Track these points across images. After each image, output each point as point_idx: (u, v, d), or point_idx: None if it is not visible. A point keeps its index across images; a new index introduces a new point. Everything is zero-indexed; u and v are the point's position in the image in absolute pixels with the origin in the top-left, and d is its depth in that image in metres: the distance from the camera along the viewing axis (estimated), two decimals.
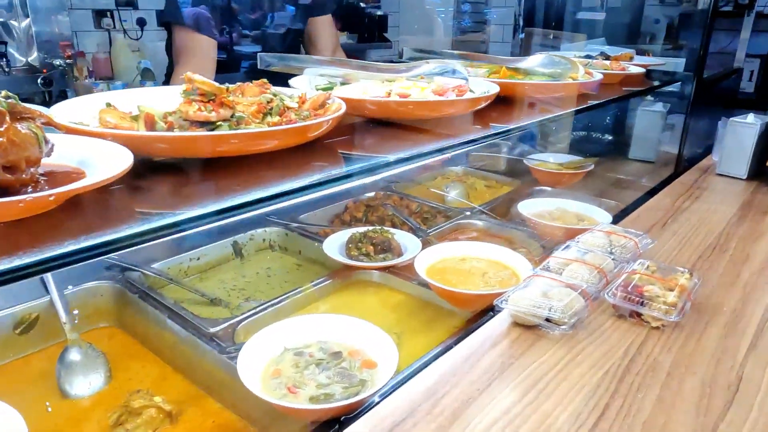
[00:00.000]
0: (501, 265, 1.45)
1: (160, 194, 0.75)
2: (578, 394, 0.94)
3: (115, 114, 0.74)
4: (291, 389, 0.99)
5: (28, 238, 0.59)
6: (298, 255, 1.81)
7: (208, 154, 0.75)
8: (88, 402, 1.21)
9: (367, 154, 0.97)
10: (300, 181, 0.79)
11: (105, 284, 1.46)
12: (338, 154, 0.98)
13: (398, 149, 1.01)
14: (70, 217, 0.66)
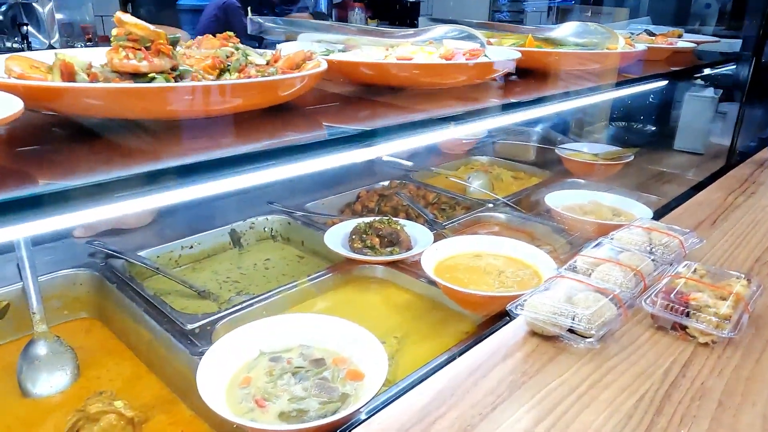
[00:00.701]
0: (521, 264, 1.27)
1: (69, 161, 0.60)
2: (605, 424, 0.76)
3: (24, 62, 0.60)
4: (259, 402, 0.84)
5: None
6: (300, 246, 1.66)
7: (135, 113, 0.60)
8: (50, 402, 1.09)
9: (354, 125, 0.81)
10: (245, 148, 0.63)
11: (83, 272, 1.34)
12: (319, 123, 0.82)
13: (393, 122, 0.85)
14: None
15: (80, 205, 0.55)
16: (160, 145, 0.65)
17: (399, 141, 0.86)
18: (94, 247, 1.42)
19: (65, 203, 0.53)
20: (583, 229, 1.44)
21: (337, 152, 0.79)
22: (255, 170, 0.67)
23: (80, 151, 0.61)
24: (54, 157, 0.59)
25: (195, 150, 0.65)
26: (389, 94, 0.96)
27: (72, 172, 0.55)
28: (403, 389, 0.85)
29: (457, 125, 0.91)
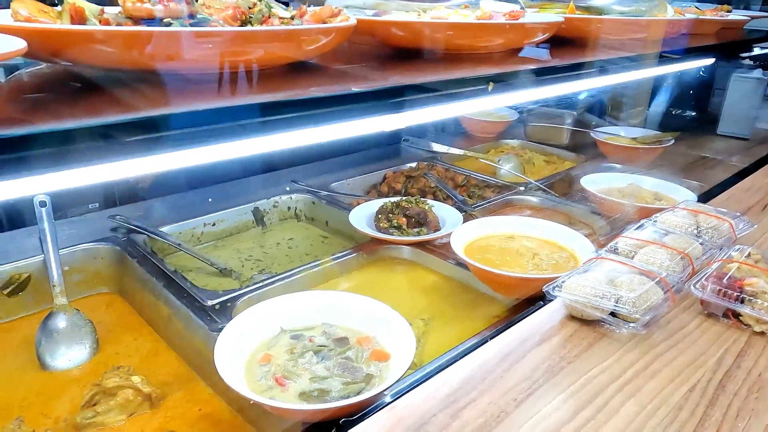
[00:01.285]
0: (556, 246, 1.20)
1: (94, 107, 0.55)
2: (651, 416, 0.69)
3: (32, 6, 0.56)
4: (279, 380, 0.80)
5: None
6: (324, 226, 1.61)
7: (148, 62, 0.55)
8: (67, 375, 1.06)
9: (381, 85, 0.75)
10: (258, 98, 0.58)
11: (105, 246, 1.32)
12: (347, 86, 0.77)
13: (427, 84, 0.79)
14: None
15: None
16: (174, 100, 0.60)
17: (432, 108, 0.80)
18: (116, 222, 1.39)
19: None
20: (622, 212, 1.36)
21: (367, 115, 0.74)
22: (277, 129, 0.62)
23: (88, 101, 0.57)
24: (57, 107, 0.55)
25: (209, 104, 0.61)
26: (422, 58, 0.90)
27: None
28: (432, 372, 0.79)
29: (494, 94, 0.85)
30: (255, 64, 0.65)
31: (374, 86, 0.75)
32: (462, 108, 0.89)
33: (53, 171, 0.52)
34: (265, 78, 0.70)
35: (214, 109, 0.60)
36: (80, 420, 0.92)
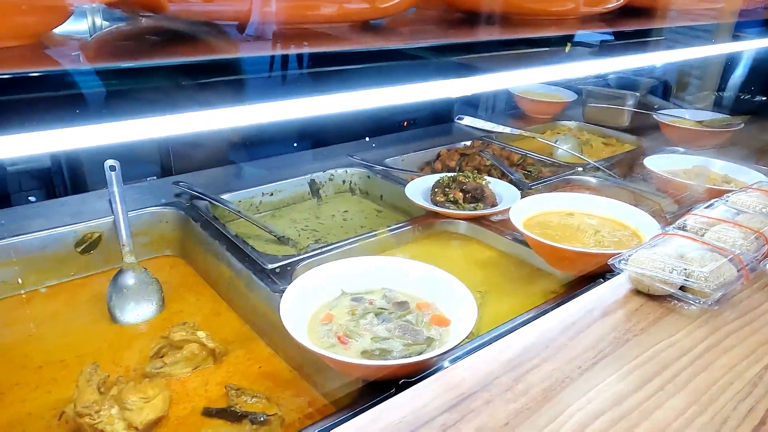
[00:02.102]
0: (618, 224, 1.17)
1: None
2: (723, 391, 0.67)
3: None
4: (342, 339, 0.82)
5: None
6: (379, 200, 1.62)
7: (239, 17, 0.57)
8: (135, 329, 1.11)
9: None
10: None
11: (170, 210, 1.37)
12: (423, 48, 0.76)
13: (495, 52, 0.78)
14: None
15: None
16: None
17: (504, 73, 0.79)
18: (180, 188, 1.44)
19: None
20: (689, 193, 1.32)
21: (437, 77, 0.73)
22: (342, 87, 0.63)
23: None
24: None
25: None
26: (491, 24, 0.89)
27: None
28: (493, 338, 0.79)
29: (568, 62, 0.83)
30: (326, 19, 0.66)
31: (437, 42, 0.75)
32: (530, 76, 0.88)
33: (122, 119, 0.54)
34: (332, 37, 0.70)
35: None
36: (150, 369, 0.96)
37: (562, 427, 0.61)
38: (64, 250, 1.25)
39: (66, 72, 0.49)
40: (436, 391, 0.67)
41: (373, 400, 0.71)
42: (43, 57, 0.52)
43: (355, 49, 0.62)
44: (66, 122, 0.51)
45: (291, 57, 0.66)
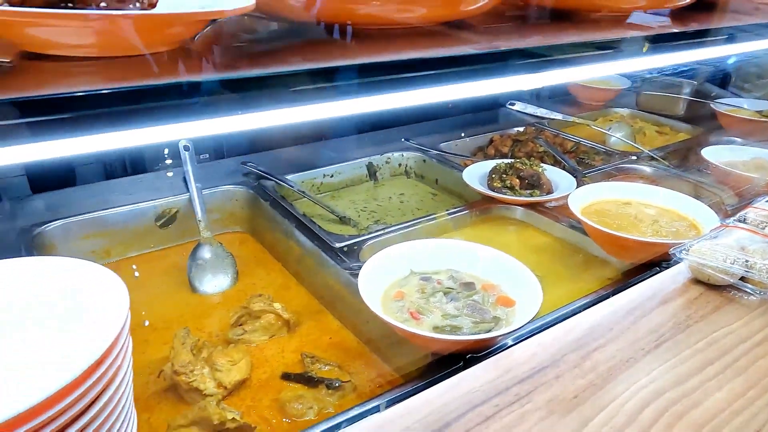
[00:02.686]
0: (676, 214, 1.19)
1: (281, 53, 0.64)
2: None
3: None
4: (414, 314, 0.88)
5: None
6: (434, 184, 1.68)
7: (345, 18, 0.63)
8: (213, 299, 1.21)
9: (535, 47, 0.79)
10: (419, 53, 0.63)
11: (240, 189, 1.45)
12: (497, 43, 0.81)
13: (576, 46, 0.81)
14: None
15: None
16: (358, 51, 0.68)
17: (575, 68, 0.83)
18: (248, 168, 1.52)
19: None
20: (748, 185, 1.33)
21: (513, 73, 0.78)
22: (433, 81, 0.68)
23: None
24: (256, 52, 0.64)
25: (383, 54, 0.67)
26: (563, 18, 0.93)
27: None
28: (557, 319, 0.85)
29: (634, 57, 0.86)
30: (418, 20, 0.71)
31: (514, 45, 0.79)
32: (598, 70, 0.92)
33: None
34: (422, 34, 0.75)
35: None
36: (231, 336, 1.05)
37: (627, 403, 0.66)
38: (145, 224, 1.35)
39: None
40: (509, 365, 0.73)
41: (439, 374, 0.78)
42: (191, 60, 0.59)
43: (439, 54, 0.67)
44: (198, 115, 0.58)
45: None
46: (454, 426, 0.62)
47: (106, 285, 0.59)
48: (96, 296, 0.59)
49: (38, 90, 0.48)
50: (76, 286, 0.60)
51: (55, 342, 0.56)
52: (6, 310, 0.59)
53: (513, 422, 0.63)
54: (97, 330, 0.55)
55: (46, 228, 1.22)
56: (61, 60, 0.52)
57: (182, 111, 0.58)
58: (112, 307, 0.57)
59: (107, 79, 0.52)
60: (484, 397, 0.67)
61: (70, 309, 0.58)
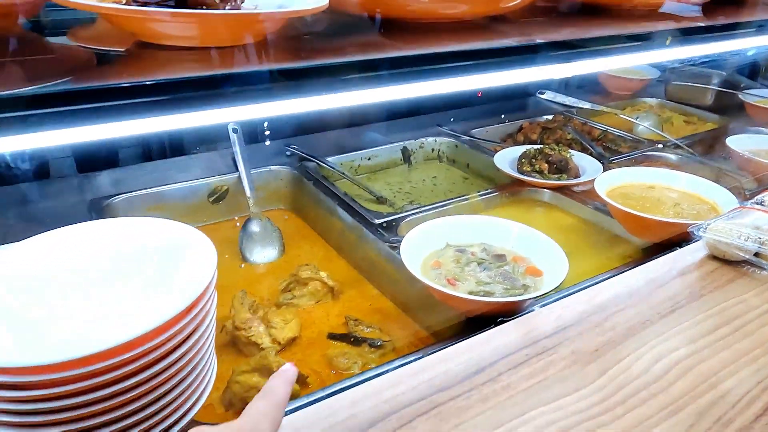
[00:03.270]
0: (698, 198, 1.26)
1: (345, 47, 0.74)
2: None
3: None
4: (450, 281, 0.98)
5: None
6: (465, 168, 1.76)
7: (397, 12, 0.72)
8: (263, 269, 1.32)
9: (558, 38, 0.87)
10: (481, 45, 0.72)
11: (285, 169, 1.56)
12: (535, 35, 0.89)
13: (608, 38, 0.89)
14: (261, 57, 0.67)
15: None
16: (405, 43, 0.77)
17: (610, 57, 0.91)
18: (291, 150, 1.63)
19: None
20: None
21: (546, 63, 0.86)
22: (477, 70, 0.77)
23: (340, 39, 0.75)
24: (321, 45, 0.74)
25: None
26: (595, 12, 1.00)
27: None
28: (581, 287, 0.93)
29: (672, 46, 0.94)
30: (463, 15, 0.80)
31: (548, 38, 0.87)
32: (625, 61, 0.99)
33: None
34: (456, 29, 0.84)
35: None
36: (282, 300, 1.16)
37: (642, 357, 0.75)
38: (198, 200, 1.46)
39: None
40: (537, 323, 0.82)
41: (474, 333, 0.87)
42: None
43: (478, 47, 0.76)
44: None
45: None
46: (488, 370, 0.72)
47: (198, 242, 0.70)
48: (189, 251, 0.70)
49: (152, 74, 0.59)
50: (172, 242, 0.71)
51: (158, 287, 0.68)
52: (114, 262, 0.70)
53: (540, 368, 0.72)
54: (191, 279, 0.66)
55: (113, 200, 1.35)
56: (167, 49, 0.62)
57: (245, 95, 0.68)
58: (203, 261, 0.68)
59: (204, 66, 0.62)
60: (515, 348, 0.76)
61: (167, 262, 0.69)
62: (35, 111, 0.52)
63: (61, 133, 0.56)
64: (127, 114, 0.58)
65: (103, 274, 0.69)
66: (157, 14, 0.56)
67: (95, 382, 0.57)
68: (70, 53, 0.66)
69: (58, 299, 0.65)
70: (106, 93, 0.53)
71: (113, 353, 0.57)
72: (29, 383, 0.56)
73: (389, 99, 0.79)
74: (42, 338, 0.62)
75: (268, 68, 0.67)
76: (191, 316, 0.64)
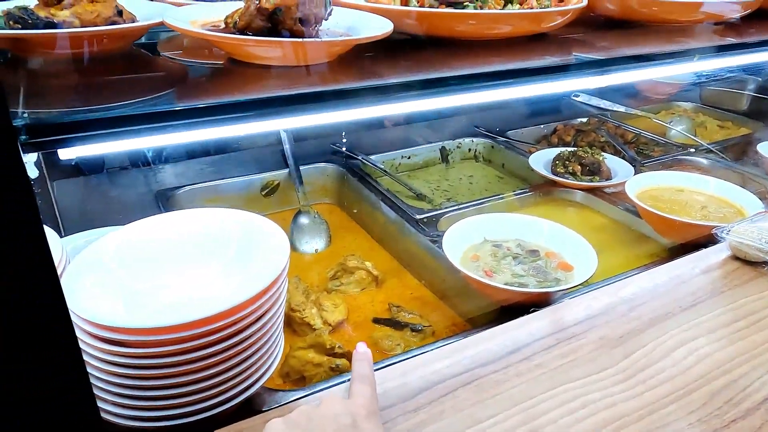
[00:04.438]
0: (725, 202, 1.32)
1: (402, 64, 0.83)
2: None
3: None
4: (488, 273, 1.07)
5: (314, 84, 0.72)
6: (501, 168, 1.84)
7: (448, 32, 0.81)
8: (311, 258, 1.43)
9: (595, 56, 0.95)
10: (524, 64, 0.81)
11: (331, 166, 1.67)
12: (571, 50, 0.98)
13: (630, 53, 0.97)
14: (335, 73, 0.78)
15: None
16: (452, 58, 0.86)
17: (638, 71, 0.98)
18: (335, 148, 1.74)
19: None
20: None
21: (582, 76, 0.94)
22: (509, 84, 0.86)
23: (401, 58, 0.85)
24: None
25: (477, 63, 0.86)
26: (630, 26, 1.08)
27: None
28: (609, 281, 1.02)
29: (700, 60, 1.01)
30: (512, 33, 0.89)
31: (597, 56, 0.95)
32: (660, 72, 1.06)
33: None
34: (515, 43, 0.93)
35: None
36: (330, 286, 1.27)
37: (663, 343, 0.83)
38: (253, 193, 1.59)
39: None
40: (567, 312, 0.91)
41: (509, 320, 0.96)
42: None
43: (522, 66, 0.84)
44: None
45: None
46: (524, 350, 0.81)
47: (273, 232, 0.81)
48: (265, 239, 0.81)
49: (242, 88, 0.70)
50: (250, 231, 0.82)
51: (239, 270, 0.79)
52: (201, 246, 0.82)
53: (570, 351, 0.81)
54: (269, 264, 0.77)
55: (177, 192, 1.48)
56: (254, 66, 0.73)
57: (315, 106, 0.78)
58: (278, 248, 0.79)
59: (287, 83, 0.72)
60: (547, 333, 0.85)
61: (245, 249, 0.81)
62: (152, 122, 0.63)
63: (167, 137, 0.67)
64: (221, 123, 0.69)
65: (193, 256, 0.81)
66: (253, 41, 0.66)
67: (186, 347, 0.69)
68: (173, 68, 0.77)
69: (157, 275, 0.77)
70: (208, 109, 0.64)
71: (202, 323, 0.69)
72: (134, 341, 0.68)
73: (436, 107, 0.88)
74: (145, 306, 0.73)
75: (334, 88, 0.77)
76: (267, 296, 0.75)
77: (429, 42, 0.91)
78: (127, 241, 0.77)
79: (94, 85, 0.67)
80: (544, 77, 0.87)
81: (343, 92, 0.68)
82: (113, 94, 0.67)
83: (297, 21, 0.66)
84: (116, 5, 0.70)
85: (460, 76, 0.79)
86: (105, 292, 0.69)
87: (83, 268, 0.70)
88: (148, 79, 0.72)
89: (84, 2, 0.68)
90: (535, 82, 0.86)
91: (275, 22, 0.66)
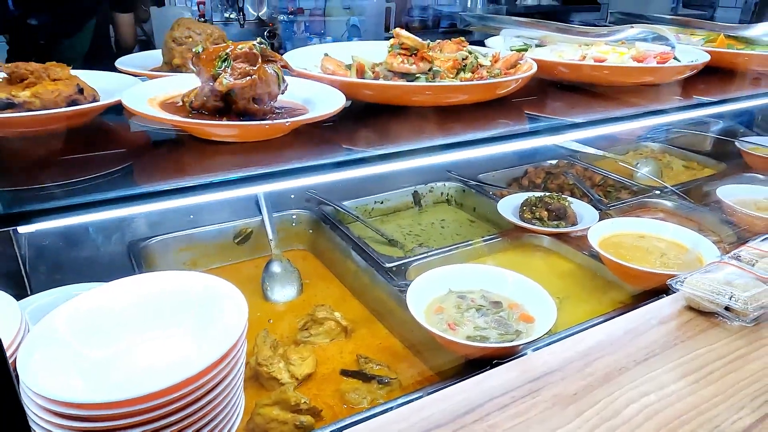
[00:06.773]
0: (684, 249, 1.36)
1: (362, 135, 0.87)
2: (745, 388, 0.89)
3: (333, 62, 0.87)
4: (451, 325, 1.09)
5: (269, 157, 0.75)
6: (472, 212, 1.88)
7: (405, 102, 0.85)
8: (282, 307, 1.44)
9: (552, 116, 0.99)
10: (479, 134, 0.85)
11: (304, 213, 1.69)
12: (524, 113, 1.02)
13: (586, 114, 1.01)
14: (291, 144, 0.81)
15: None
16: (412, 127, 0.90)
17: (588, 130, 1.03)
18: (310, 194, 1.76)
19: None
20: (753, 224, 1.48)
21: (537, 138, 0.99)
22: (474, 148, 0.89)
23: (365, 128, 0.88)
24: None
25: (437, 132, 0.90)
26: (582, 89, 1.13)
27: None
28: (568, 334, 1.04)
29: (643, 119, 1.06)
30: (467, 101, 0.93)
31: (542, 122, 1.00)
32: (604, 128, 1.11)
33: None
34: (460, 110, 0.97)
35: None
36: (299, 337, 1.28)
37: (615, 401, 0.85)
38: (226, 241, 1.60)
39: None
40: (525, 367, 0.93)
41: (469, 375, 0.98)
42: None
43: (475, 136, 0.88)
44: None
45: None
46: (478, 410, 0.83)
47: (230, 296, 0.83)
48: (223, 304, 0.82)
49: (200, 163, 0.72)
50: (210, 294, 0.84)
51: (198, 335, 0.80)
52: (160, 312, 0.83)
53: (524, 410, 0.83)
54: (226, 330, 0.78)
55: (150, 242, 1.49)
56: (211, 142, 0.76)
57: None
58: (236, 313, 0.80)
59: (242, 161, 0.75)
60: (503, 391, 0.87)
61: (206, 313, 0.82)
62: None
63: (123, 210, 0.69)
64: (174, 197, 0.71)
65: (151, 322, 0.82)
66: (205, 124, 0.69)
67: (148, 417, 0.70)
68: (134, 141, 0.80)
69: (114, 343, 0.78)
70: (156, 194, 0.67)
71: (163, 393, 0.70)
72: (90, 416, 0.69)
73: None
74: (102, 379, 0.74)
75: (284, 167, 0.80)
76: (225, 363, 0.76)
77: (386, 108, 0.94)
78: (83, 310, 0.78)
79: (52, 163, 0.69)
80: (498, 141, 0.90)
81: (297, 170, 0.71)
82: (74, 170, 0.69)
83: (251, 100, 0.69)
84: (77, 83, 0.73)
85: (415, 150, 0.83)
86: (60, 365, 0.70)
87: (39, 342, 0.71)
88: (104, 156, 0.74)
89: (46, 81, 0.70)
90: (491, 145, 0.90)
91: (230, 102, 0.69)
